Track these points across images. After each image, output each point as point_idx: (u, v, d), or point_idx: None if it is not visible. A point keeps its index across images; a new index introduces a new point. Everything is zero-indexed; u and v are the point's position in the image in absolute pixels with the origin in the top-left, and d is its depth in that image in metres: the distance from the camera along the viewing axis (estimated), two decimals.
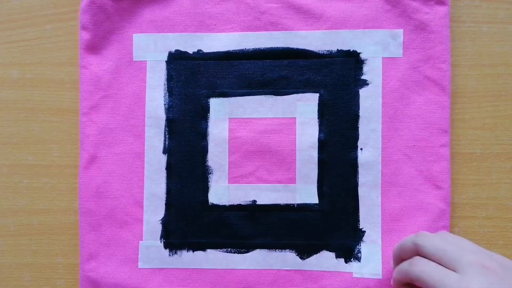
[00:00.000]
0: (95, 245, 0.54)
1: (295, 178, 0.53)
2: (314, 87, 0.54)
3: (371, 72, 0.53)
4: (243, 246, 0.53)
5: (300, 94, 0.54)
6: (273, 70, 0.54)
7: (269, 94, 0.54)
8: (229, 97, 0.54)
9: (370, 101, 0.53)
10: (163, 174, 0.54)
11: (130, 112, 0.54)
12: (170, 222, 0.54)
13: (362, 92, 0.53)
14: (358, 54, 0.53)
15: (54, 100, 0.56)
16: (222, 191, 0.54)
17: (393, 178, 0.53)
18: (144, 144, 0.54)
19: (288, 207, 0.53)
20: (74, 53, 0.56)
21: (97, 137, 0.54)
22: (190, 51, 0.54)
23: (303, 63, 0.54)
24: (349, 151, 0.53)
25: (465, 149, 0.54)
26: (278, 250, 0.53)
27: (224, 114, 0.54)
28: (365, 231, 0.53)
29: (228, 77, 0.54)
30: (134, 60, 0.55)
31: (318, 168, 0.53)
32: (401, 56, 0.53)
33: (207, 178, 0.54)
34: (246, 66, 0.54)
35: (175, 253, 0.54)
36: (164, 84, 0.54)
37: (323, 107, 0.53)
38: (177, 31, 0.54)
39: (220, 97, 0.54)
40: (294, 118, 0.54)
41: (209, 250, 0.54)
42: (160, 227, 0.54)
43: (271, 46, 0.54)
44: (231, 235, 0.54)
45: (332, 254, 0.53)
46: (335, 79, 0.53)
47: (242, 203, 0.54)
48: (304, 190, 0.53)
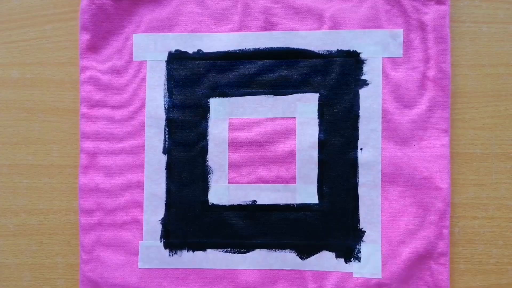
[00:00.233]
0: (95, 245, 0.54)
1: (295, 178, 0.53)
2: (314, 87, 0.54)
3: (371, 72, 0.53)
4: (243, 246, 0.53)
5: (300, 94, 0.54)
6: (273, 70, 0.54)
7: (269, 94, 0.54)
8: (229, 97, 0.54)
9: (370, 101, 0.53)
10: (163, 174, 0.54)
11: (130, 112, 0.54)
12: (170, 222, 0.54)
13: (362, 92, 0.53)
14: (358, 54, 0.53)
15: (54, 100, 0.56)
16: (222, 191, 0.54)
17: (393, 178, 0.53)
18: (144, 144, 0.54)
19: (288, 207, 0.53)
20: (74, 53, 0.56)
21: (97, 137, 0.54)
22: (190, 51, 0.54)
23: (303, 63, 0.54)
24: (349, 151, 0.53)
25: (465, 149, 0.54)
26: (278, 250, 0.53)
27: (224, 114, 0.54)
28: (365, 231, 0.53)
29: (228, 77, 0.54)
30: (134, 60, 0.55)
31: (318, 168, 0.53)
32: (401, 56, 0.53)
33: (207, 178, 0.54)
34: (246, 66, 0.54)
35: (175, 253, 0.54)
36: (164, 84, 0.54)
37: (323, 107, 0.53)
38: (177, 31, 0.54)
39: (220, 97, 0.54)
40: (294, 118, 0.54)
41: (209, 250, 0.54)
42: (160, 227, 0.54)
43: (271, 46, 0.54)
44: (231, 235, 0.54)
45: (332, 254, 0.53)
46: (335, 79, 0.53)
47: (242, 203, 0.54)
48: (304, 190, 0.53)
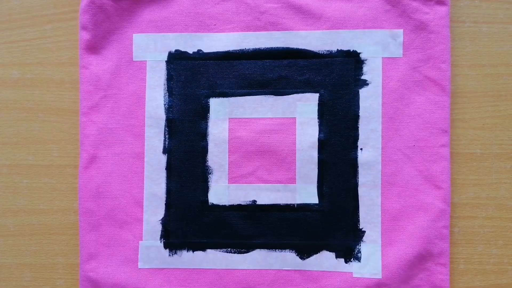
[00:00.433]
0: (95, 245, 0.54)
1: (295, 178, 0.53)
2: (314, 87, 0.54)
3: (371, 72, 0.53)
4: (243, 246, 0.53)
5: (300, 94, 0.54)
6: (273, 70, 0.54)
7: (269, 94, 0.54)
8: (229, 97, 0.54)
9: (370, 101, 0.53)
10: (163, 174, 0.54)
11: (130, 112, 0.54)
12: (170, 222, 0.54)
13: (362, 92, 0.53)
14: (358, 54, 0.53)
15: (54, 100, 0.56)
16: (222, 191, 0.54)
17: (393, 178, 0.53)
18: (144, 144, 0.54)
19: (288, 207, 0.53)
20: (74, 53, 0.56)
21: (97, 137, 0.54)
22: (190, 51, 0.54)
23: (303, 63, 0.54)
24: (349, 151, 0.53)
25: (465, 149, 0.54)
26: (278, 250, 0.53)
27: (224, 114, 0.54)
28: (365, 231, 0.53)
29: (228, 77, 0.54)
30: (134, 60, 0.55)
31: (318, 168, 0.53)
32: (401, 56, 0.53)
33: (207, 178, 0.54)
34: (246, 66, 0.54)
35: (175, 253, 0.54)
36: (164, 84, 0.54)
37: (323, 107, 0.53)
38: (177, 31, 0.54)
39: (220, 97, 0.54)
40: (294, 118, 0.54)
41: (209, 250, 0.54)
42: (160, 227, 0.54)
43: (271, 46, 0.54)
44: (231, 235, 0.54)
45: (332, 254, 0.53)
46: (335, 79, 0.53)
47: (242, 203, 0.54)
48: (304, 190, 0.53)
